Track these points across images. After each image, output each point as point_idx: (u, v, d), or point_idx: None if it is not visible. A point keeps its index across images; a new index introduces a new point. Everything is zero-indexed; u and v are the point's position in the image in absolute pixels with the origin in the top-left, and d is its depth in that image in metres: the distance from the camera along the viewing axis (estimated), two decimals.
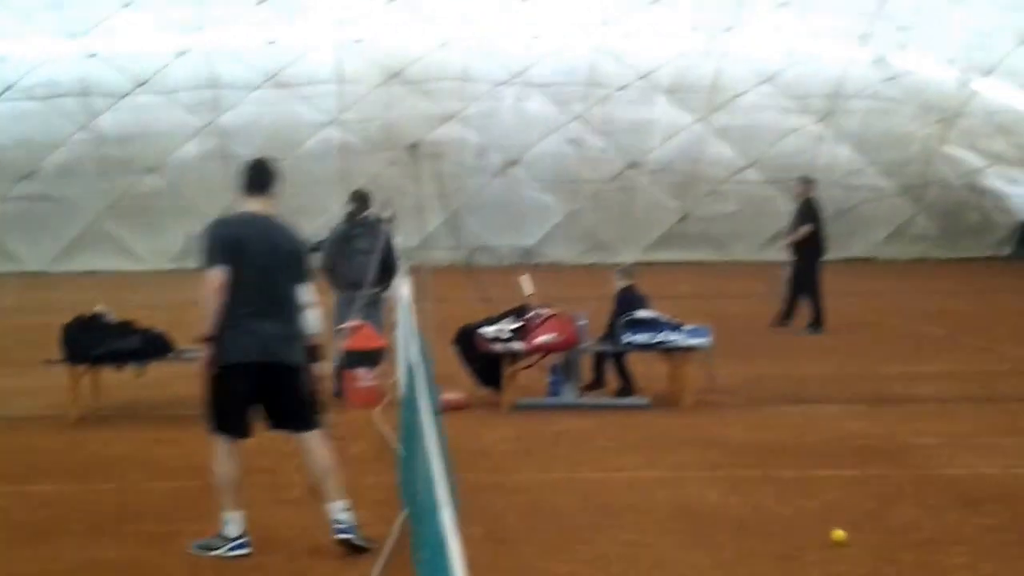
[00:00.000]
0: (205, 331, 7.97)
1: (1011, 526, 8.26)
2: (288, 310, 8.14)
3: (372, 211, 14.98)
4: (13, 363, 16.69)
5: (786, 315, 20.64)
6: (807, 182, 21.96)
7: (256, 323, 7.97)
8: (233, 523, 7.98)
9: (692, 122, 39.45)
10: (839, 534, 8.02)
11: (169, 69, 37.26)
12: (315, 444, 8.27)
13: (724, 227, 39.42)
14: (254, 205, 8.25)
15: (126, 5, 36.06)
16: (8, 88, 37.06)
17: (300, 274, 8.25)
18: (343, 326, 13.74)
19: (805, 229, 20.79)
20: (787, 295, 20.84)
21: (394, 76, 37.90)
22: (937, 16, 37.45)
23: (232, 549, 7.91)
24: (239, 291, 7.92)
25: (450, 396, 12.96)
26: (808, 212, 21.17)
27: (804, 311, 20.53)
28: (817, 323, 20.38)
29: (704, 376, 13.60)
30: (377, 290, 14.30)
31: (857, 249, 41.01)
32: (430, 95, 38.08)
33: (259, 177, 8.33)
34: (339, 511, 8.04)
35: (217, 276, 7.89)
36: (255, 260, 7.97)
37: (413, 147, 15.86)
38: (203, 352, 8.07)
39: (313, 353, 8.36)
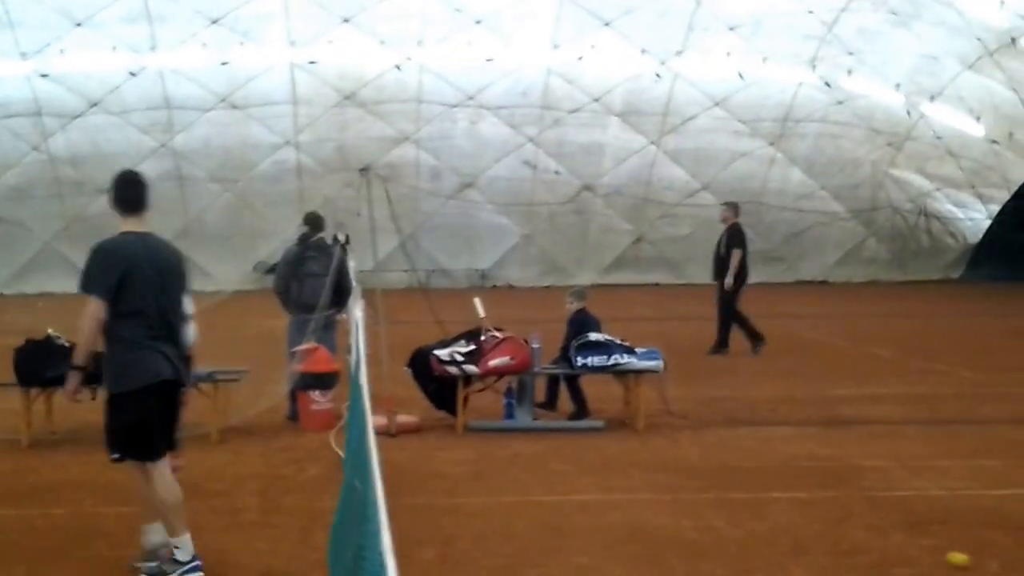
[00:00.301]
0: (80, 360, 7.92)
1: (955, 547, 8.37)
2: (179, 327, 8.11)
3: (325, 233, 14.99)
4: None
5: (720, 343, 20.76)
6: (732, 207, 22.03)
7: (160, 343, 7.89)
8: (184, 547, 7.93)
9: (644, 145, 39.70)
10: (960, 558, 8.04)
11: (122, 89, 37.17)
12: (168, 468, 8.13)
13: (678, 250, 39.68)
14: (134, 225, 8.04)
15: (78, 24, 35.94)
16: None
17: (184, 289, 8.20)
18: (297, 349, 13.73)
19: (738, 255, 20.91)
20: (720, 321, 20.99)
21: (348, 98, 37.97)
22: (884, 41, 37.93)
23: (185, 574, 7.85)
24: (136, 314, 7.80)
25: (404, 419, 13.01)
26: (735, 237, 21.26)
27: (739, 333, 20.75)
28: (722, 345, 20.53)
29: (657, 398, 13.69)
30: (330, 313, 14.31)
31: (809, 272, 41.45)
32: (384, 117, 38.20)
33: (136, 195, 8.14)
34: (160, 542, 8.00)
35: (100, 305, 7.77)
36: (147, 282, 7.84)
37: (365, 169, 15.82)
38: (72, 381, 7.99)
39: (188, 367, 8.33)
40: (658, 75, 38.44)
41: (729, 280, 20.83)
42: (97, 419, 13.46)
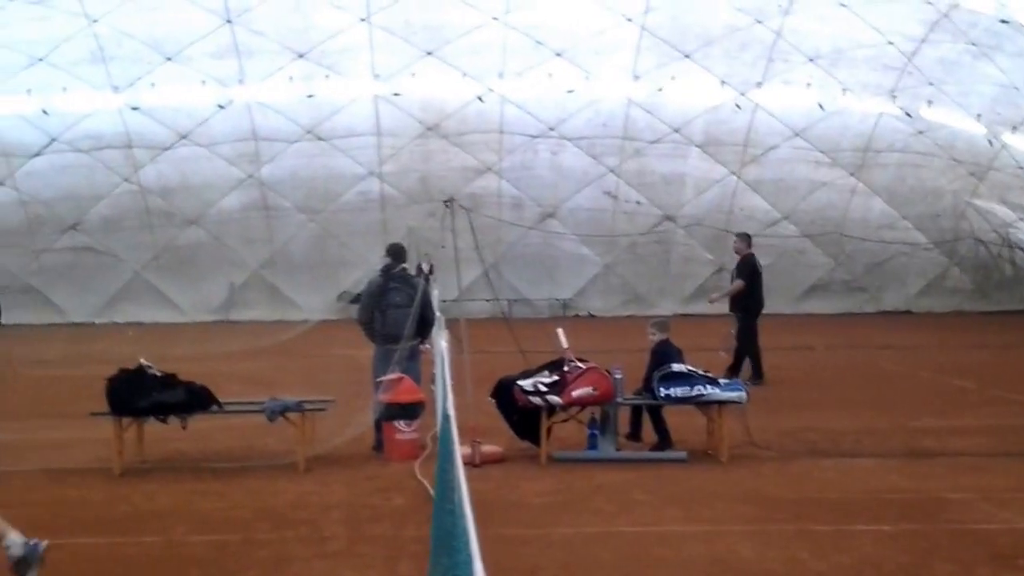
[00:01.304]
0: None
1: None
2: None
3: (408, 264, 15.16)
4: (59, 415, 16.95)
5: (733, 369, 20.50)
6: (744, 238, 21.88)
7: None
8: None
9: (725, 175, 39.66)
10: None
11: (211, 122, 37.79)
12: None
13: None
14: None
15: (168, 59, 36.67)
16: (53, 141, 37.64)
17: None
18: (381, 379, 13.88)
19: (737, 285, 20.84)
20: (735, 351, 20.79)
21: (431, 129, 38.33)
22: (964, 72, 37.64)
23: None
24: None
25: (488, 449, 13.11)
26: (743, 269, 21.15)
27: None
28: (757, 375, 20.40)
29: (740, 429, 13.70)
30: (414, 343, 14.44)
31: (891, 302, 41.08)
32: (466, 148, 38.52)
33: None
34: None
35: None
36: None
37: (449, 201, 15.98)
38: None
39: None
40: (738, 106, 38.43)
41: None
42: (188, 448, 13.86)
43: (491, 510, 10.58)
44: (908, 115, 38.95)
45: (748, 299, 20.86)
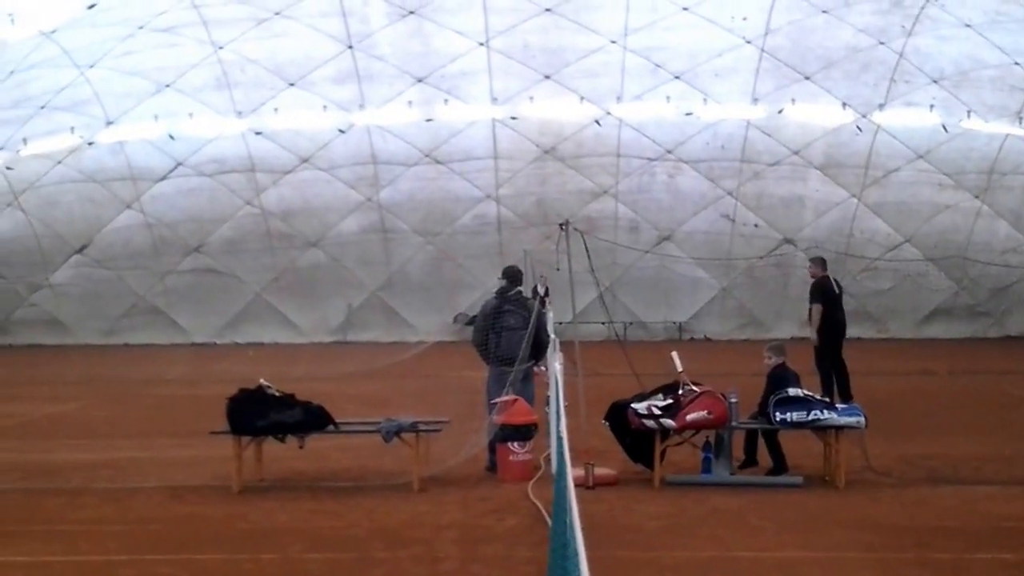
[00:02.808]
0: None
1: None
2: None
3: (523, 287, 15.23)
4: (181, 433, 17.32)
5: (843, 394, 20.03)
6: (818, 262, 21.42)
7: None
8: None
9: (845, 198, 39.18)
10: None
11: (331, 146, 38.28)
12: None
13: (880, 304, 38.93)
14: None
15: (291, 84, 37.29)
16: (179, 165, 38.46)
17: None
18: (496, 400, 13.94)
19: (817, 310, 20.39)
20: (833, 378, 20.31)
21: (548, 152, 38.44)
22: None
23: None
24: None
25: (601, 472, 13.09)
26: (815, 293, 20.72)
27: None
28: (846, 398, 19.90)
29: (858, 455, 13.51)
30: (529, 365, 14.50)
31: (1016, 327, 40.19)
32: (583, 171, 38.55)
33: None
34: None
35: None
36: None
37: (564, 224, 16.05)
38: None
39: None
40: (859, 128, 37.96)
41: (812, 335, 20.37)
42: (305, 467, 14.04)
43: (605, 533, 10.57)
44: None
45: (825, 321, 20.50)
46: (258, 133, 38.12)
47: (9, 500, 12.88)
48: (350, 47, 36.64)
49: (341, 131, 38.14)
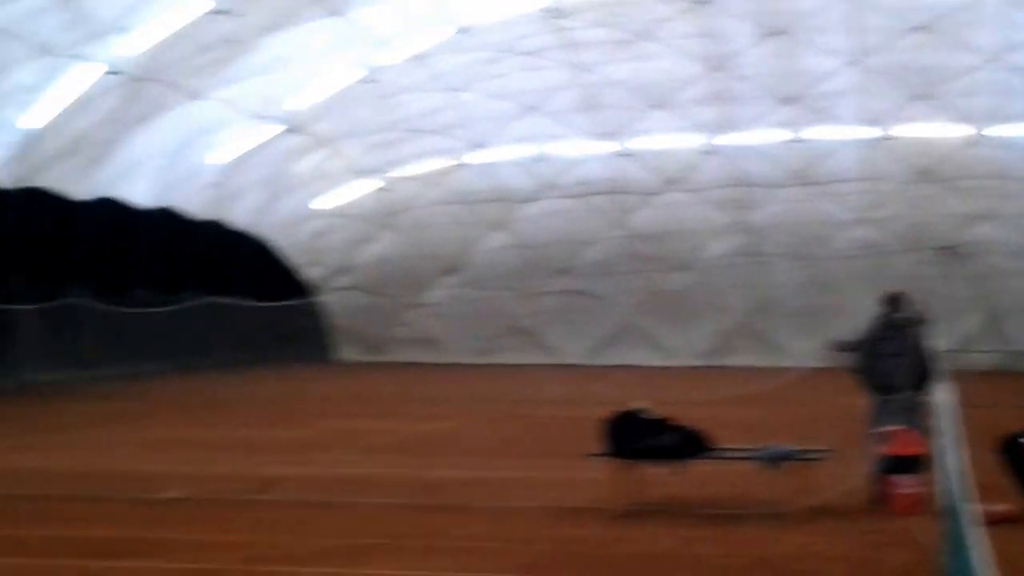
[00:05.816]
0: None
1: None
2: None
3: (904, 313, 14.69)
4: (558, 455, 17.58)
5: None
6: None
7: None
8: None
9: None
10: None
11: (697, 167, 38.23)
12: None
13: None
14: None
15: (656, 106, 37.44)
16: (547, 187, 39.25)
17: None
18: (879, 429, 13.49)
19: None
20: None
21: (923, 173, 37.13)
22: None
23: None
24: None
25: (998, 508, 12.41)
26: None
27: None
28: None
29: None
30: (914, 394, 13.95)
31: None
32: (962, 193, 36.97)
33: None
34: None
35: None
36: None
37: (946, 249, 15.52)
38: None
39: None
40: None
41: None
42: (682, 492, 13.93)
43: (1012, 571, 9.98)
44: None
45: None
46: (624, 155, 38.47)
47: (398, 515, 13.32)
48: (716, 68, 36.44)
49: (707, 152, 38.06)
